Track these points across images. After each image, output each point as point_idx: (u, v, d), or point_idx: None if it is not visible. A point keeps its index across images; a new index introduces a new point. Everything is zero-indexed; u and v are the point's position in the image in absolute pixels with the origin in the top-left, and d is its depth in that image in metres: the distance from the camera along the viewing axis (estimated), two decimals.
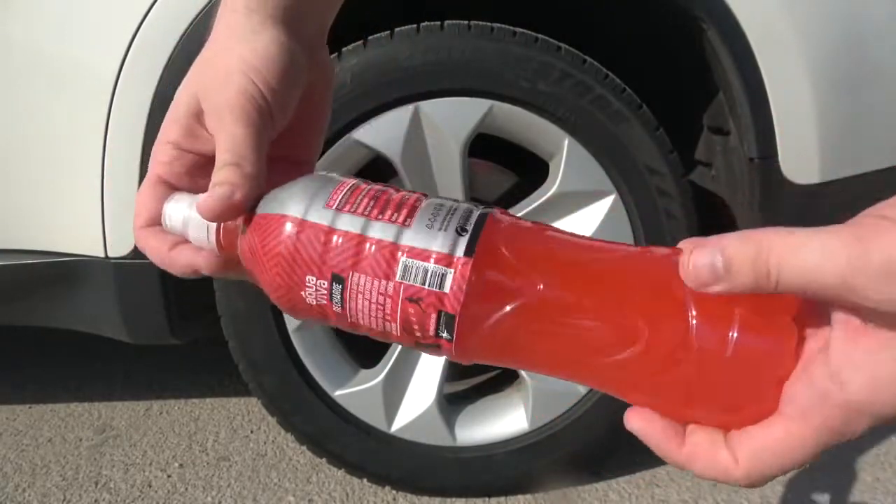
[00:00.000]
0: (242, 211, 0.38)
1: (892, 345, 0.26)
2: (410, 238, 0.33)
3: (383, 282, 0.33)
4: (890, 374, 0.26)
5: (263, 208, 0.38)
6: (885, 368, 0.27)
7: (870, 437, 1.48)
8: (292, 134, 0.43)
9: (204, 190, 0.39)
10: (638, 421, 0.33)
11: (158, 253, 0.42)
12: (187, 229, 0.40)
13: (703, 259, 0.28)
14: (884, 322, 0.26)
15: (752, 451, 0.30)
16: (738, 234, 0.28)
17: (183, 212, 0.40)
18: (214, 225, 0.39)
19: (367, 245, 0.34)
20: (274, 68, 0.39)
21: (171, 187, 0.42)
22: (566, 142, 1.16)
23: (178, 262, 0.41)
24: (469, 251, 0.32)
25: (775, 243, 0.27)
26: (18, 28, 1.14)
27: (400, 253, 0.33)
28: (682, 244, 0.30)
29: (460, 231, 0.33)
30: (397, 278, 0.33)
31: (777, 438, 0.30)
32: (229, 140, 0.38)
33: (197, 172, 0.42)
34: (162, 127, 0.42)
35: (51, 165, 1.16)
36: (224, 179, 0.37)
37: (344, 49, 1.12)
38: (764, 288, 0.27)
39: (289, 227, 0.35)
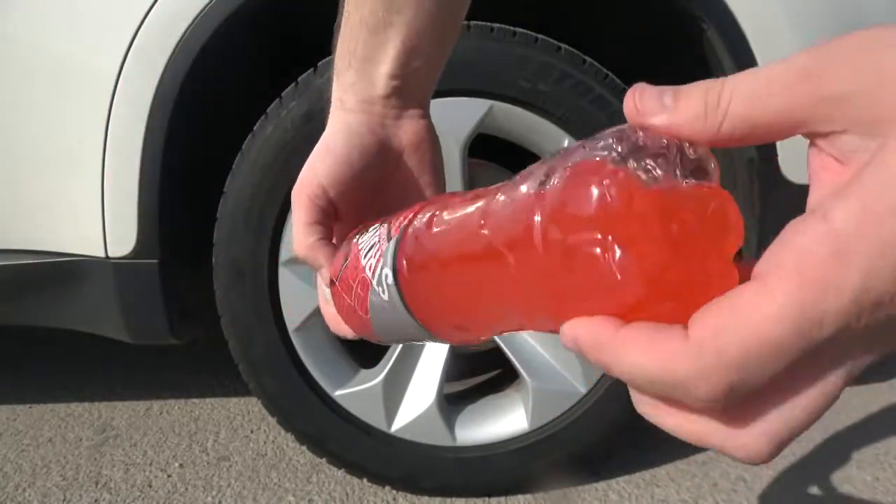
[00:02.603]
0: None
1: (886, 153, 0.20)
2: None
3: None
4: (878, 196, 0.20)
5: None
6: (870, 188, 0.20)
7: (870, 437, 1.48)
8: (393, 196, 0.48)
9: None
10: (572, 330, 0.25)
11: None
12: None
13: (651, 91, 0.25)
14: (864, 136, 0.21)
15: (711, 325, 0.22)
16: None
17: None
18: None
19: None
20: (326, 157, 0.45)
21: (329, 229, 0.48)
22: (566, 142, 1.16)
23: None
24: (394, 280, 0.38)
25: (728, 80, 0.23)
26: (19, 28, 1.14)
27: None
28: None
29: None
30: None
31: (744, 303, 0.21)
32: (296, 238, 0.46)
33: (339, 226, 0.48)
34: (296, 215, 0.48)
35: (51, 165, 1.16)
36: (314, 263, 0.46)
37: None
38: (711, 120, 0.23)
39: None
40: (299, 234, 0.45)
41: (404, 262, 0.37)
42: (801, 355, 0.21)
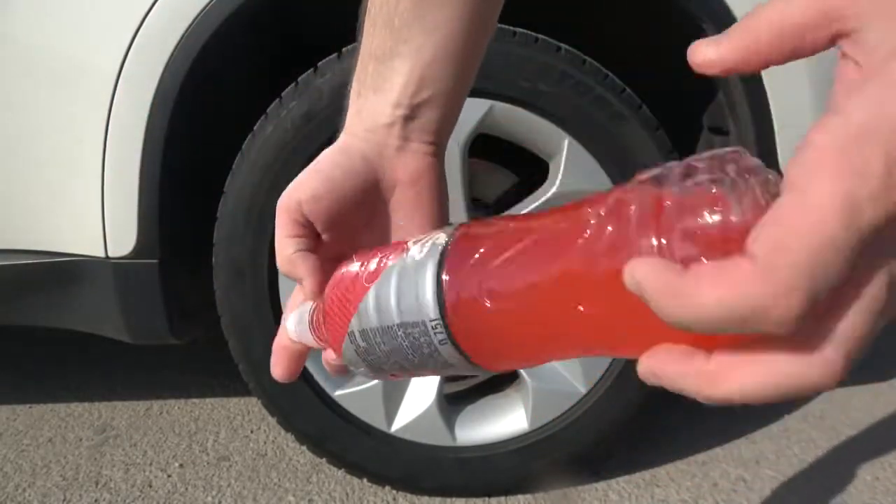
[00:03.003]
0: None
1: (887, 63, 0.22)
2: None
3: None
4: (891, 89, 0.22)
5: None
6: (881, 85, 0.22)
7: (870, 437, 1.48)
8: (379, 228, 0.47)
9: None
10: (632, 274, 0.25)
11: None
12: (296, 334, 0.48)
13: (705, 40, 0.28)
14: (877, 48, 0.23)
15: (770, 243, 0.22)
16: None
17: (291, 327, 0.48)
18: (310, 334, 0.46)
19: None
20: (311, 173, 0.44)
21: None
22: (566, 142, 1.16)
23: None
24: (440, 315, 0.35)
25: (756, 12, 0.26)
26: (19, 28, 1.14)
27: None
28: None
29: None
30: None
31: (788, 213, 0.22)
32: (279, 257, 0.45)
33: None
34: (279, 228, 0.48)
35: (51, 165, 1.16)
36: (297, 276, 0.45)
37: (343, 49, 1.12)
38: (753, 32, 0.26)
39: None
40: (278, 247, 0.45)
41: (456, 294, 0.34)
42: (852, 250, 0.21)
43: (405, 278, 0.37)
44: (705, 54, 0.27)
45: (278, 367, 0.48)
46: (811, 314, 0.22)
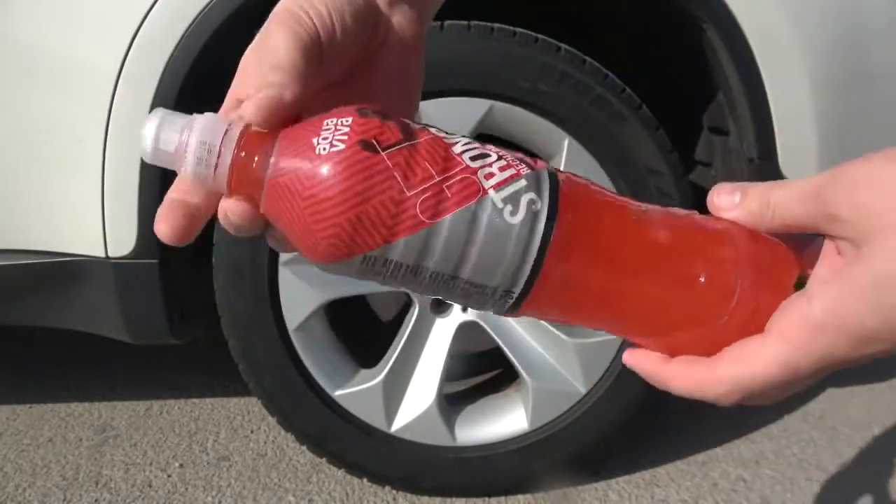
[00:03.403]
0: (288, 117, 0.33)
1: (857, 263, 0.30)
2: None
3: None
4: (849, 291, 0.30)
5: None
6: (844, 285, 0.30)
7: (870, 437, 1.48)
8: (367, 83, 0.41)
9: None
10: (634, 358, 0.37)
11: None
12: (183, 157, 0.32)
13: (726, 189, 0.36)
14: (853, 240, 0.31)
15: (729, 361, 0.34)
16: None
17: (175, 136, 0.32)
18: (225, 153, 0.32)
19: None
20: (328, 2, 0.37)
21: None
22: (566, 142, 1.16)
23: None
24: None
25: (773, 189, 0.34)
26: (19, 28, 1.14)
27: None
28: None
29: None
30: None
31: (754, 351, 0.33)
32: (273, 50, 0.35)
33: None
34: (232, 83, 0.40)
35: (51, 165, 1.16)
36: (271, 81, 0.33)
37: None
38: (764, 218, 0.34)
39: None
40: (279, 54, 0.34)
41: (555, 277, 0.33)
42: (781, 393, 0.34)
43: (495, 241, 0.32)
44: (721, 203, 0.36)
45: (163, 223, 0.34)
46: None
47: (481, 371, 1.55)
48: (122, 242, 1.16)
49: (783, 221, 0.34)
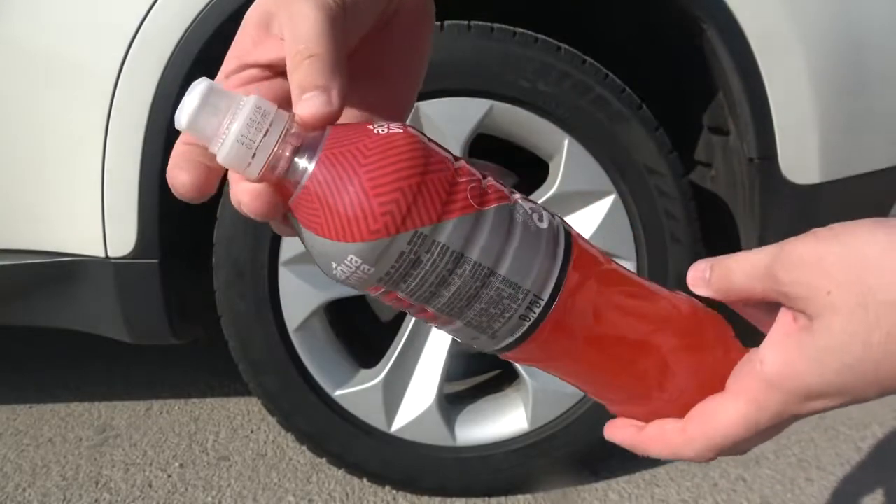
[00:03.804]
0: (338, 117, 0.32)
1: (806, 332, 0.33)
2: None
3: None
4: (797, 356, 0.33)
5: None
6: (794, 349, 0.33)
7: (870, 437, 1.48)
8: (374, 83, 0.39)
9: None
10: (611, 431, 0.42)
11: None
12: (219, 141, 0.31)
13: (699, 267, 0.38)
14: (805, 313, 0.33)
15: (697, 421, 0.37)
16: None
17: (215, 119, 0.31)
18: (269, 139, 0.31)
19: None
20: None
21: None
22: (566, 142, 1.16)
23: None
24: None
25: (733, 262, 0.37)
26: (19, 28, 1.14)
27: None
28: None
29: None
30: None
31: (717, 411, 0.36)
32: (302, 28, 0.32)
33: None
34: (233, 43, 0.37)
35: (51, 165, 1.16)
36: (311, 83, 0.31)
37: None
38: (727, 292, 0.37)
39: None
40: (312, 32, 0.32)
41: (576, 290, 0.35)
42: (748, 437, 0.36)
43: (529, 239, 0.33)
44: (693, 280, 0.38)
45: (183, 173, 0.33)
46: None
47: (481, 371, 1.55)
48: (122, 242, 1.16)
49: (746, 297, 0.37)
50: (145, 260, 1.17)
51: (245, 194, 0.32)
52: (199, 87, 0.31)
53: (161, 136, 1.12)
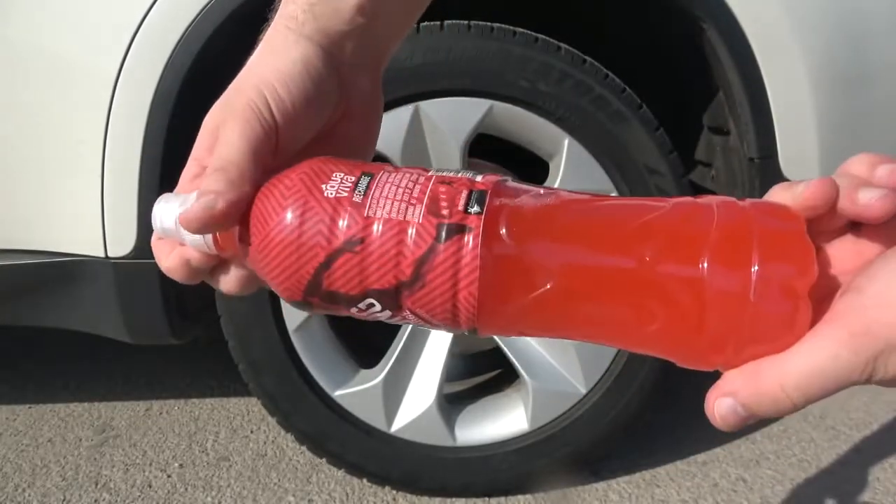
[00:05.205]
0: (226, 222, 0.37)
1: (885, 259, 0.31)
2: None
3: (416, 175, 0.37)
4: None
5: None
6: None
7: (870, 437, 1.48)
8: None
9: None
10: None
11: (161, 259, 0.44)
12: (181, 231, 0.40)
13: (724, 409, 0.33)
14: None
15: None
16: (743, 375, 0.32)
17: (174, 213, 0.40)
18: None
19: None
20: (291, 87, 0.39)
21: None
22: (566, 142, 1.16)
23: (172, 262, 0.43)
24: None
25: (778, 371, 0.31)
26: (18, 28, 1.14)
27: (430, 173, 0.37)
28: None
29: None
30: (431, 173, 0.37)
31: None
32: (223, 148, 0.38)
33: None
34: (194, 145, 0.43)
35: (51, 165, 1.16)
36: (207, 188, 0.37)
37: None
38: (785, 409, 0.32)
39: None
40: (236, 154, 0.38)
41: (501, 242, 0.34)
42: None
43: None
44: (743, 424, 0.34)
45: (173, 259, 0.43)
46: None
47: (481, 371, 1.55)
48: (122, 242, 1.16)
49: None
50: (145, 260, 1.17)
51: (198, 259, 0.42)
52: (160, 199, 0.42)
53: (161, 136, 1.12)
